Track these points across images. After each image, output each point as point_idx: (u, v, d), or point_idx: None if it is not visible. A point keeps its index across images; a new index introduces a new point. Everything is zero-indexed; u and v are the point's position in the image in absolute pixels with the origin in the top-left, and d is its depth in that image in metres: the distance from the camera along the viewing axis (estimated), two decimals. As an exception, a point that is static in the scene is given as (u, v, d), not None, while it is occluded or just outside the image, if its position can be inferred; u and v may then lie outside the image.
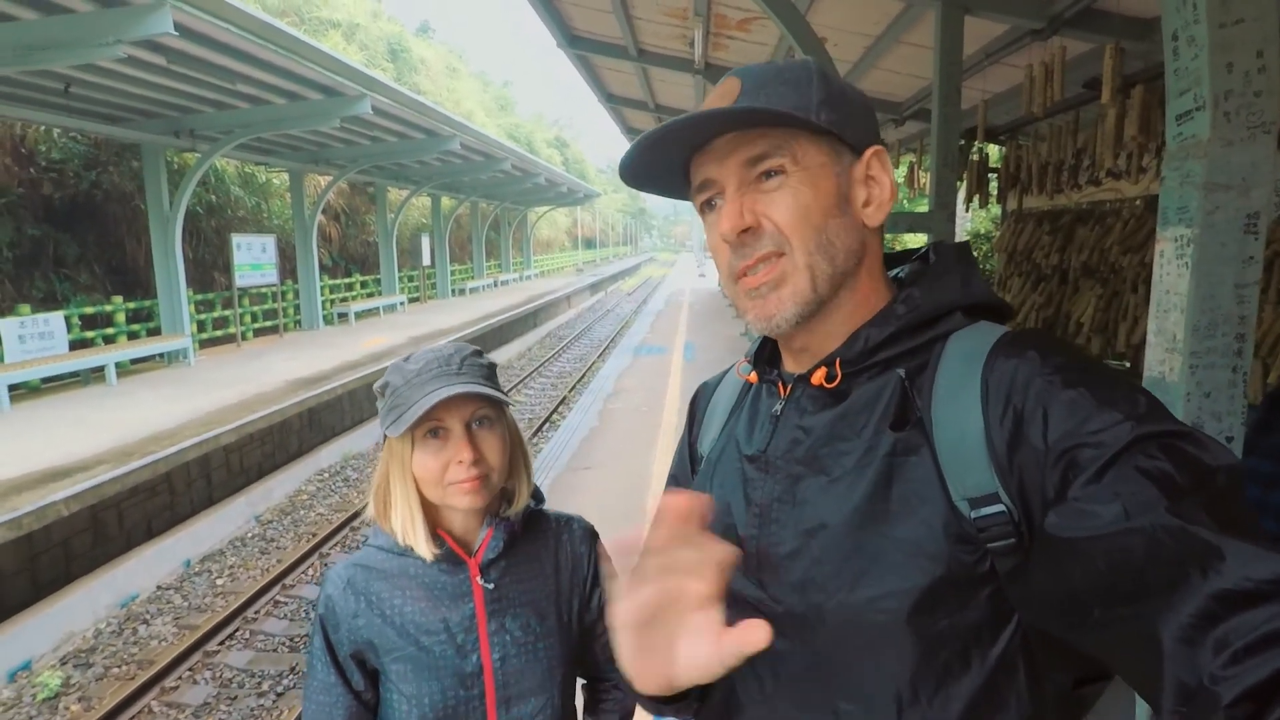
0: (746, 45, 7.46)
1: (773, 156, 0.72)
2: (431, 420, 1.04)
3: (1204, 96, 1.54)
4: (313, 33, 26.05)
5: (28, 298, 11.00)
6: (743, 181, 0.73)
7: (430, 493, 1.06)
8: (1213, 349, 1.57)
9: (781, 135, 0.72)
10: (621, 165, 0.78)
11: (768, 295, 0.74)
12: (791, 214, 0.72)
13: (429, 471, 1.04)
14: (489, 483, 1.06)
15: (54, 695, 4.70)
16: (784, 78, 0.73)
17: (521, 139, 45.70)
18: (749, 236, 0.73)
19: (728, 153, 0.74)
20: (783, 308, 0.73)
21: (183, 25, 6.72)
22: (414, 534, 1.07)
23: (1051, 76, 4.50)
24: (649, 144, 0.74)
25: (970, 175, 7.03)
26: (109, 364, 9.68)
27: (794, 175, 0.72)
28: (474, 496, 1.04)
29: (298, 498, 8.32)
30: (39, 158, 11.91)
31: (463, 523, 1.11)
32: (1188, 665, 0.45)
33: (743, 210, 0.73)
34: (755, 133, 0.72)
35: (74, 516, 5.71)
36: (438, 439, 1.05)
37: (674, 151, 0.77)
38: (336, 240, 20.15)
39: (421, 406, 1.00)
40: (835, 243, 0.73)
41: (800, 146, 0.72)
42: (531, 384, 14.53)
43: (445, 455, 1.04)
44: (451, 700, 1.07)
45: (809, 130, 0.72)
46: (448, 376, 1.04)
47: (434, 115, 12.49)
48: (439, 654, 1.07)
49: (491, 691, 1.08)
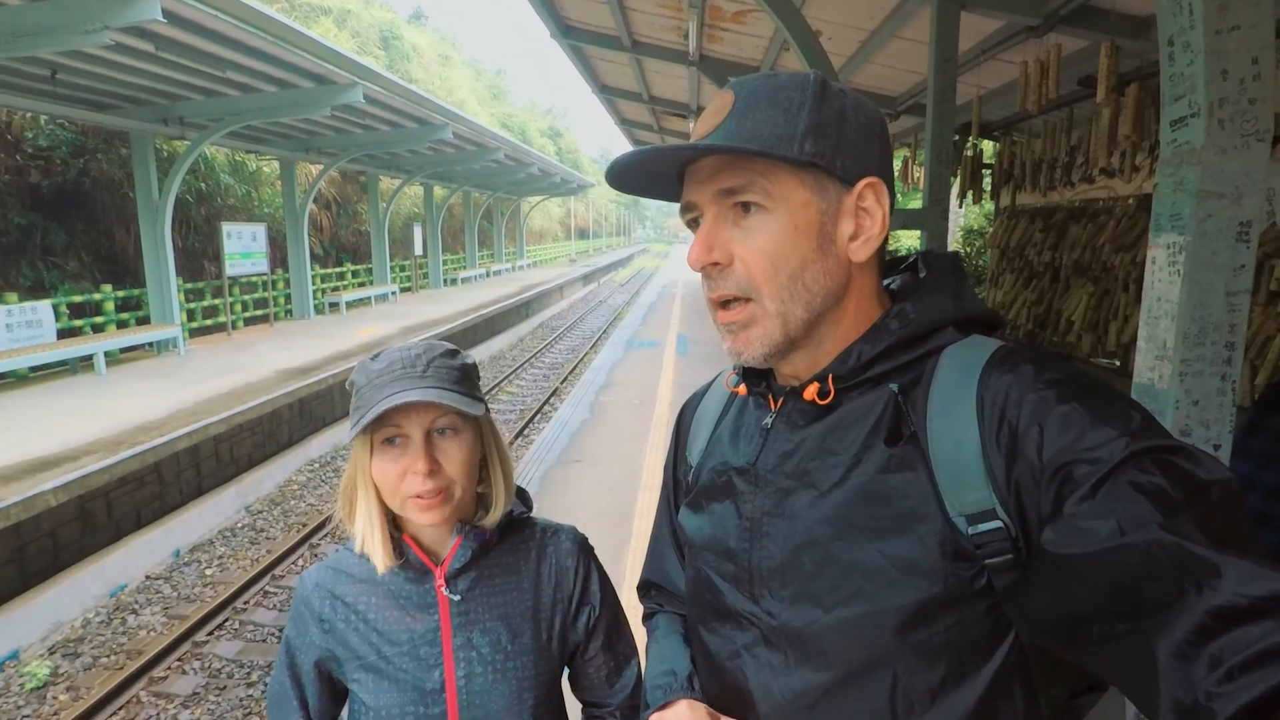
0: (741, 37, 7.42)
1: (748, 191, 0.71)
2: (389, 426, 0.96)
3: (1199, 103, 1.54)
4: (304, 19, 25.80)
5: (15, 286, 10.90)
6: (720, 210, 0.73)
7: (390, 502, 0.99)
8: (1202, 356, 1.57)
9: (762, 166, 0.70)
10: (609, 176, 0.78)
11: (738, 333, 0.74)
12: (763, 260, 0.71)
13: (385, 479, 0.97)
14: (449, 496, 0.98)
15: (42, 685, 4.68)
16: (776, 99, 0.70)
17: (515, 128, 45.48)
18: (716, 270, 0.73)
19: (707, 177, 0.73)
20: (750, 347, 0.74)
21: (171, 12, 6.63)
22: (372, 542, 1.00)
23: (1047, 73, 4.50)
24: (635, 163, 0.74)
25: (964, 171, 7.03)
26: (98, 353, 9.60)
27: (772, 212, 0.70)
28: (431, 514, 0.97)
29: (288, 488, 8.29)
30: (25, 145, 11.78)
31: (431, 529, 1.04)
32: (1183, 682, 0.46)
33: (714, 245, 0.72)
34: (734, 163, 0.71)
35: (62, 506, 5.67)
36: (395, 446, 0.98)
37: (665, 167, 0.77)
38: (328, 229, 20.02)
39: (374, 411, 0.93)
40: (812, 288, 0.72)
41: (779, 182, 0.70)
42: (524, 375, 14.52)
43: (402, 464, 0.96)
44: (410, 717, 1.00)
45: (791, 164, 0.70)
46: (410, 379, 0.96)
47: (426, 104, 12.39)
48: (399, 666, 1.01)
49: (454, 711, 1.01)
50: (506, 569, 1.08)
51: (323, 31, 24.92)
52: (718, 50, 8.08)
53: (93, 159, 12.56)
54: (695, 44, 7.38)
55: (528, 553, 1.10)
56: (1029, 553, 0.60)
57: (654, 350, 11.72)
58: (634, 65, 9.82)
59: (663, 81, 10.72)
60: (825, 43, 6.02)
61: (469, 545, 1.03)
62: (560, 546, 1.12)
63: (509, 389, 13.23)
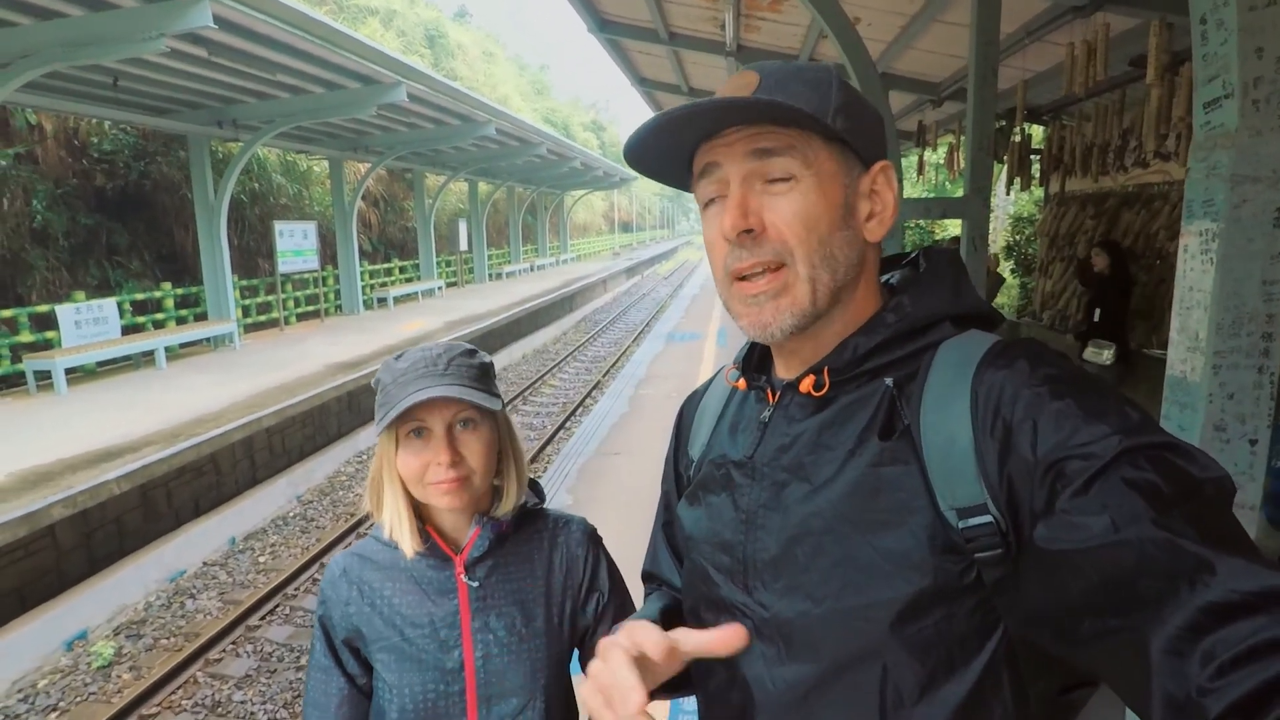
0: (779, 26, 7.33)
1: (783, 155, 0.70)
2: (413, 420, 1.04)
3: (1232, 83, 1.47)
4: (351, 20, 26.36)
5: (83, 284, 11.43)
6: (749, 176, 0.72)
7: (414, 490, 1.07)
8: (1237, 348, 1.51)
9: (796, 135, 0.70)
10: (628, 146, 0.76)
11: (764, 304, 0.73)
12: (798, 223, 0.71)
13: (410, 470, 1.05)
14: (470, 484, 1.06)
15: (107, 664, 4.94)
16: (804, 78, 0.72)
17: (558, 123, 45.74)
18: (749, 239, 0.72)
19: (737, 140, 0.72)
20: (780, 318, 0.72)
21: (222, 18, 6.88)
22: (400, 529, 1.08)
23: (1094, 55, 4.35)
24: (658, 128, 0.72)
25: (1011, 158, 6.83)
26: (158, 348, 10.03)
27: (804, 180, 0.71)
28: (452, 498, 1.04)
29: (336, 478, 8.54)
30: (91, 150, 12.33)
31: (451, 520, 1.12)
32: (1176, 677, 0.46)
33: (747, 210, 0.71)
34: (770, 128, 0.71)
35: (125, 495, 5.96)
36: (420, 439, 1.05)
37: (685, 136, 0.75)
38: (376, 226, 20.47)
39: (400, 406, 1.01)
40: (838, 255, 0.72)
41: (814, 150, 0.71)
42: (566, 368, 14.64)
43: (426, 456, 1.04)
44: (432, 694, 1.07)
45: (823, 135, 0.71)
46: (432, 377, 1.04)
47: (469, 101, 12.57)
48: (421, 647, 1.08)
49: (472, 689, 1.08)
50: (521, 557, 1.15)
51: (369, 32, 25.44)
52: (755, 40, 8.00)
53: (153, 162, 13.09)
54: (732, 34, 7.31)
55: (541, 542, 1.17)
56: (1019, 548, 0.60)
57: (695, 343, 11.70)
58: (671, 58, 9.78)
59: (701, 73, 10.65)
60: (864, 29, 5.91)
61: (486, 535, 1.10)
62: (571, 536, 1.19)
63: (551, 382, 13.35)
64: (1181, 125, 4.49)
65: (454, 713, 1.08)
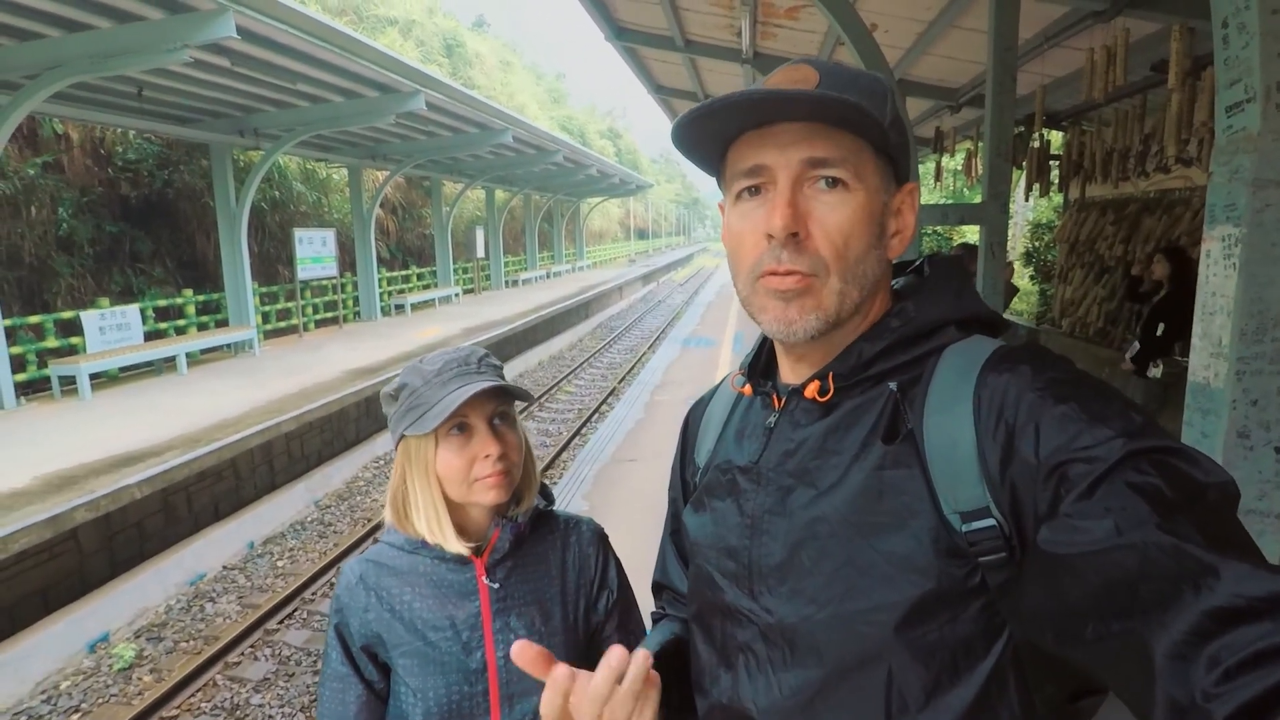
0: (795, 34, 7.33)
1: (838, 165, 0.69)
2: (458, 417, 1.07)
3: (1255, 87, 1.46)
4: (370, 30, 26.67)
5: (106, 291, 11.63)
6: (799, 178, 0.70)
7: (454, 491, 1.09)
8: (1261, 354, 1.49)
9: (853, 145, 0.70)
10: (680, 123, 0.72)
11: (792, 301, 0.71)
12: (841, 236, 0.70)
13: (454, 469, 1.07)
14: (511, 478, 1.09)
15: (128, 666, 5.00)
16: (860, 84, 0.71)
17: (574, 131, 45.96)
18: (794, 242, 0.70)
19: (791, 143, 0.70)
20: (805, 318, 0.71)
21: (244, 28, 6.99)
22: (441, 532, 1.09)
23: (1114, 60, 4.31)
24: (711, 111, 0.70)
25: (1030, 163, 6.78)
26: (180, 354, 10.16)
27: (855, 192, 0.70)
28: (499, 491, 1.08)
29: (354, 484, 8.60)
30: (116, 158, 12.56)
31: (474, 522, 1.14)
32: (1180, 682, 0.45)
33: (797, 211, 0.70)
34: (828, 132, 0.69)
35: (147, 499, 6.04)
36: (462, 435, 1.08)
37: (735, 121, 0.72)
38: (393, 233, 20.66)
39: (450, 403, 1.04)
40: (868, 273, 0.72)
41: (864, 163, 0.71)
42: (582, 375, 14.66)
43: (470, 451, 1.07)
44: (456, 696, 1.09)
45: (875, 148, 0.71)
46: (469, 375, 1.08)
47: (486, 109, 12.67)
48: (444, 650, 1.09)
49: (495, 688, 1.10)
50: (537, 558, 1.18)
51: (388, 41, 25.74)
52: (771, 47, 8.00)
53: (176, 170, 13.32)
54: (748, 42, 7.32)
55: (554, 542, 1.21)
56: (1023, 551, 0.60)
57: (710, 349, 11.68)
58: (688, 65, 9.80)
59: (717, 80, 10.67)
60: (881, 35, 5.90)
61: (507, 536, 1.13)
62: (582, 536, 1.24)
63: (568, 389, 13.38)
64: (1203, 130, 4.44)
65: (478, 713, 1.10)
